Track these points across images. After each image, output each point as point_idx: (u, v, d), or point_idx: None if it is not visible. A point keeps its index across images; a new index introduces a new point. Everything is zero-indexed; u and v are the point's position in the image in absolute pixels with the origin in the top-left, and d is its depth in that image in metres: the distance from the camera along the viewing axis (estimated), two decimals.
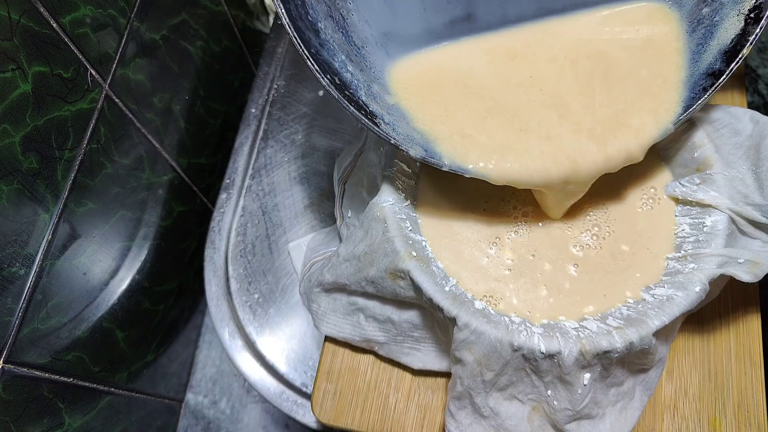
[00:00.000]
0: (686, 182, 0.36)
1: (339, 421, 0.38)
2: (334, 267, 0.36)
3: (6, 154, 0.37)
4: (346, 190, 0.40)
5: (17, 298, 0.39)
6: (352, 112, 0.31)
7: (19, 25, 0.37)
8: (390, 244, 0.34)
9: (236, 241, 0.62)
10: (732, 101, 0.44)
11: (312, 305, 0.39)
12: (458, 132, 0.34)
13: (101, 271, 0.50)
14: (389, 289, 0.34)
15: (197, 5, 0.63)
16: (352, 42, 0.35)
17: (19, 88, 0.37)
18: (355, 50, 0.35)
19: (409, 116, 0.35)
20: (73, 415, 0.47)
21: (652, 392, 0.34)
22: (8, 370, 0.39)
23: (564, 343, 0.30)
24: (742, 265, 0.32)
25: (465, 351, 0.31)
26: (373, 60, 0.36)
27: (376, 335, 0.37)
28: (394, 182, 0.36)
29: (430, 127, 0.34)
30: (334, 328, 0.38)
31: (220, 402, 0.71)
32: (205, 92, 0.67)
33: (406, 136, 0.33)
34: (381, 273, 0.34)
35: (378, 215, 0.35)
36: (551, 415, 0.33)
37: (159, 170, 0.59)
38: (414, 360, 0.37)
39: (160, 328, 0.64)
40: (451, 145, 0.34)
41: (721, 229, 0.34)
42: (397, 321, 0.36)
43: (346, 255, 0.36)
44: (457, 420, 0.33)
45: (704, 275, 0.32)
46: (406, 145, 0.32)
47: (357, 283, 0.35)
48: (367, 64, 0.35)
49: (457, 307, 0.32)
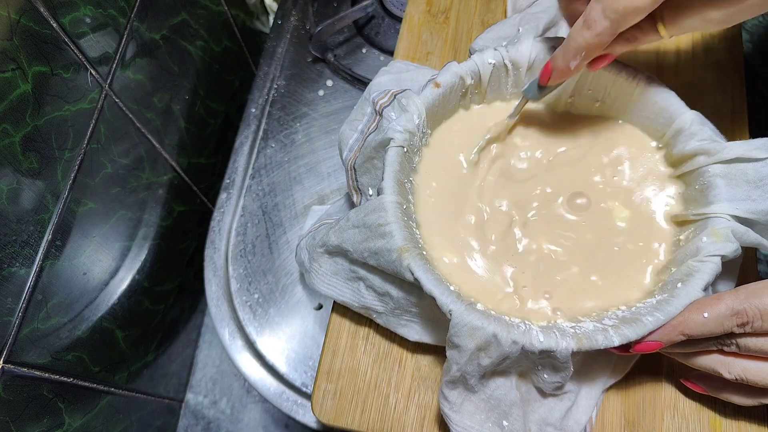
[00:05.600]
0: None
1: (339, 421, 0.38)
2: (341, 231, 0.36)
3: (6, 154, 0.37)
4: (357, 169, 0.39)
5: (17, 298, 0.39)
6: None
7: (19, 25, 0.37)
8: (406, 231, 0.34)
9: (236, 241, 0.62)
10: (732, 101, 0.44)
11: (313, 264, 0.38)
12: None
13: (101, 271, 0.50)
14: (392, 265, 0.34)
15: (197, 5, 0.63)
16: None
17: (19, 88, 0.37)
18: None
19: None
20: (73, 415, 0.47)
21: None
22: (8, 370, 0.39)
23: (561, 340, 0.31)
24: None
25: (465, 337, 0.31)
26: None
27: (374, 305, 0.37)
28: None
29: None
30: (334, 290, 0.38)
31: (220, 402, 0.71)
32: (205, 92, 0.67)
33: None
34: (390, 246, 0.34)
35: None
36: (538, 384, 0.34)
37: (159, 170, 0.59)
38: (410, 332, 0.37)
39: (160, 328, 0.64)
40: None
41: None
42: (395, 297, 0.36)
43: (356, 221, 0.35)
44: (450, 401, 0.33)
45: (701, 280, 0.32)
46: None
47: (360, 252, 0.35)
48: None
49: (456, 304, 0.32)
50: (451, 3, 0.51)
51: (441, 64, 0.48)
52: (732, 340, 0.30)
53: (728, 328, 0.30)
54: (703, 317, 0.30)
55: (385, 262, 0.34)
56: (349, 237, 0.35)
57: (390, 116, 0.37)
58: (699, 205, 0.35)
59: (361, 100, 0.40)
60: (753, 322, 0.29)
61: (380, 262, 0.34)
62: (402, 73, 0.41)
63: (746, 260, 0.38)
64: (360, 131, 0.39)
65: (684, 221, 0.37)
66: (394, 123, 0.36)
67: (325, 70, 0.69)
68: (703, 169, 0.35)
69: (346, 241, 0.36)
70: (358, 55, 0.69)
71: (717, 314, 0.30)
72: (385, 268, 0.34)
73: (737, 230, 0.33)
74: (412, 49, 0.49)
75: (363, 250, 0.35)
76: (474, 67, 0.39)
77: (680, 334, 0.30)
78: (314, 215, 0.63)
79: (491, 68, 0.39)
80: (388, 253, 0.33)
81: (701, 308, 0.30)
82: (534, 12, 0.41)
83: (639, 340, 0.31)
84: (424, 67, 0.42)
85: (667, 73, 0.45)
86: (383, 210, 0.34)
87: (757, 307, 0.29)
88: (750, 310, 0.29)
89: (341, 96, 0.68)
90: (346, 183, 0.40)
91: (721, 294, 0.30)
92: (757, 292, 0.29)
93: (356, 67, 0.68)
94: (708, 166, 0.35)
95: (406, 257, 0.33)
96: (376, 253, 0.34)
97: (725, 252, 0.32)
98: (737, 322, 0.29)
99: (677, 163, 0.38)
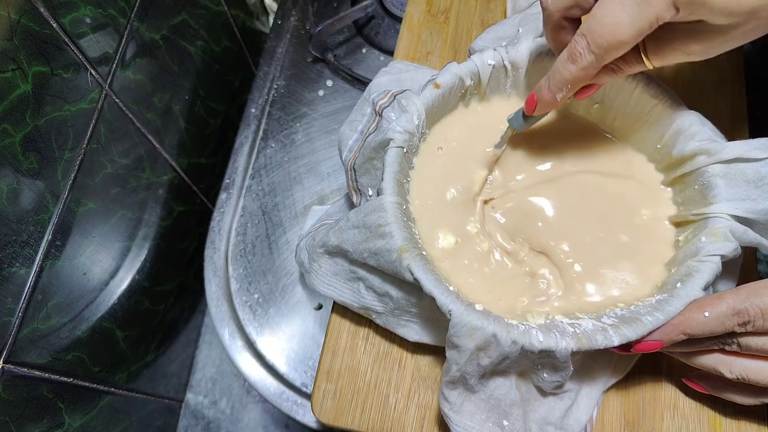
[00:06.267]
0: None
1: (339, 421, 0.38)
2: (341, 231, 0.36)
3: (6, 154, 0.37)
4: (357, 170, 0.39)
5: (17, 298, 0.39)
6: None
7: (19, 25, 0.37)
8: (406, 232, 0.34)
9: (236, 241, 0.62)
10: (732, 101, 0.44)
11: (313, 264, 0.39)
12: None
13: (101, 271, 0.50)
14: (392, 266, 0.34)
15: (197, 5, 0.63)
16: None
17: (19, 88, 0.37)
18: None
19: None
20: (73, 415, 0.47)
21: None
22: (8, 370, 0.39)
23: (561, 340, 0.31)
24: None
25: (465, 338, 0.31)
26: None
27: (374, 305, 0.37)
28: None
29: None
30: (334, 290, 0.38)
31: (220, 402, 0.71)
32: (205, 92, 0.67)
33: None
34: (390, 247, 0.34)
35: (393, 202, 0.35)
36: (538, 383, 0.34)
37: (159, 170, 0.59)
38: (410, 332, 0.37)
39: (160, 328, 0.64)
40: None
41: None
42: (395, 297, 0.36)
43: (356, 222, 0.35)
44: (450, 401, 0.33)
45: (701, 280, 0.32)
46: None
47: (359, 252, 0.35)
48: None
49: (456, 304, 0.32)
50: (451, 3, 0.51)
51: (441, 64, 0.48)
52: (733, 339, 0.30)
53: (729, 327, 0.30)
54: (704, 316, 0.30)
55: (385, 263, 0.34)
56: (349, 237, 0.35)
57: (390, 117, 0.37)
58: (698, 205, 0.35)
59: (361, 101, 0.40)
60: (754, 321, 0.29)
61: (380, 262, 0.34)
62: (402, 74, 0.41)
63: (746, 260, 0.38)
64: (360, 132, 0.39)
65: (683, 222, 0.37)
66: (394, 123, 0.36)
67: (325, 70, 0.69)
68: (702, 170, 0.35)
69: (346, 241, 0.36)
70: (358, 55, 0.69)
71: (718, 314, 0.30)
72: (385, 268, 0.34)
73: (736, 230, 0.33)
74: (412, 49, 0.49)
75: (363, 251, 0.35)
76: (474, 67, 0.39)
77: (681, 333, 0.31)
78: (314, 215, 0.63)
79: (491, 69, 0.39)
80: (388, 253, 0.33)
81: (702, 307, 0.30)
82: (534, 12, 0.41)
83: (639, 340, 0.31)
84: (424, 67, 0.42)
85: (668, 73, 0.45)
86: (383, 210, 0.34)
87: (759, 306, 0.29)
88: (751, 309, 0.29)
89: (341, 96, 0.68)
90: (345, 183, 0.40)
91: (722, 293, 0.30)
92: (758, 291, 0.29)
93: (356, 67, 0.68)
94: (708, 166, 0.35)
95: (405, 257, 0.33)
96: (375, 254, 0.34)
97: (724, 251, 0.32)
98: (738, 321, 0.29)
99: (676, 164, 0.38)
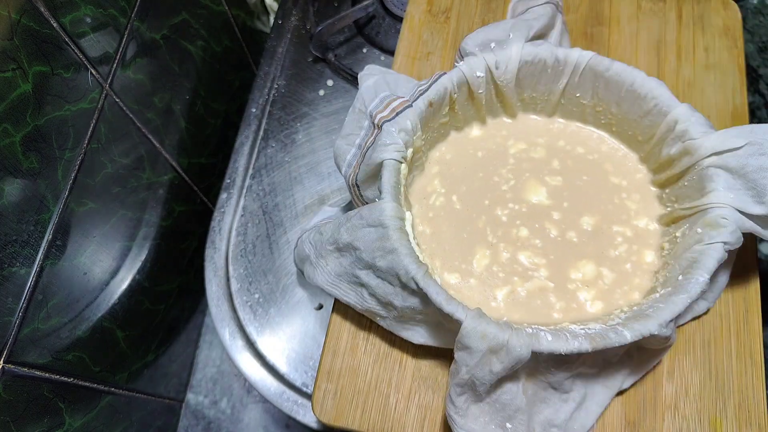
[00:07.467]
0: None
1: (339, 421, 0.38)
2: (354, 229, 0.35)
3: (6, 154, 0.37)
4: (360, 186, 0.39)
5: (17, 297, 0.39)
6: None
7: (20, 25, 0.37)
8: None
9: (237, 241, 0.62)
10: (732, 101, 0.44)
11: (320, 260, 0.38)
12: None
13: (101, 271, 0.50)
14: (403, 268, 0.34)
15: (198, 5, 0.63)
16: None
17: (19, 87, 0.37)
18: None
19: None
20: (74, 415, 0.47)
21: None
22: (8, 370, 0.39)
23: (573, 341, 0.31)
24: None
25: (476, 339, 0.31)
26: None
27: (378, 310, 0.37)
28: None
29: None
30: (339, 291, 0.38)
31: (221, 402, 0.71)
32: (206, 92, 0.67)
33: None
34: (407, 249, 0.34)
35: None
36: (547, 379, 0.34)
37: (159, 170, 0.59)
38: (414, 335, 0.37)
39: (160, 328, 0.64)
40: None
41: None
42: (399, 307, 0.36)
43: (371, 221, 0.35)
44: (457, 405, 0.33)
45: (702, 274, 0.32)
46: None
47: (371, 251, 0.34)
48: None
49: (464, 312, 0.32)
50: (452, 3, 0.51)
51: (441, 63, 0.48)
52: None
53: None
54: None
55: (397, 264, 0.34)
56: (363, 235, 0.35)
57: (390, 130, 0.37)
58: (691, 199, 0.36)
59: (354, 112, 0.40)
60: None
61: (391, 263, 0.34)
62: (386, 75, 0.41)
63: (746, 250, 0.38)
64: (357, 146, 0.39)
65: (676, 218, 0.37)
66: (395, 137, 0.36)
67: (325, 70, 0.69)
68: (695, 164, 0.36)
69: (358, 239, 0.35)
70: (359, 55, 0.69)
71: None
72: (396, 268, 0.34)
73: (732, 216, 0.34)
74: (413, 48, 0.49)
75: (375, 249, 0.34)
76: (462, 78, 0.40)
77: None
78: (323, 214, 0.62)
79: (482, 81, 0.40)
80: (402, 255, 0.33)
81: None
82: (527, 18, 0.41)
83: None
84: (400, 74, 0.43)
85: (668, 73, 0.45)
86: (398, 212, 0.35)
87: None
88: None
89: (342, 96, 0.68)
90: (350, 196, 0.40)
91: None
92: None
93: (357, 66, 0.68)
94: (700, 159, 0.35)
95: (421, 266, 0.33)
96: (390, 252, 0.34)
97: (726, 238, 0.33)
98: None
99: (667, 162, 0.38)
